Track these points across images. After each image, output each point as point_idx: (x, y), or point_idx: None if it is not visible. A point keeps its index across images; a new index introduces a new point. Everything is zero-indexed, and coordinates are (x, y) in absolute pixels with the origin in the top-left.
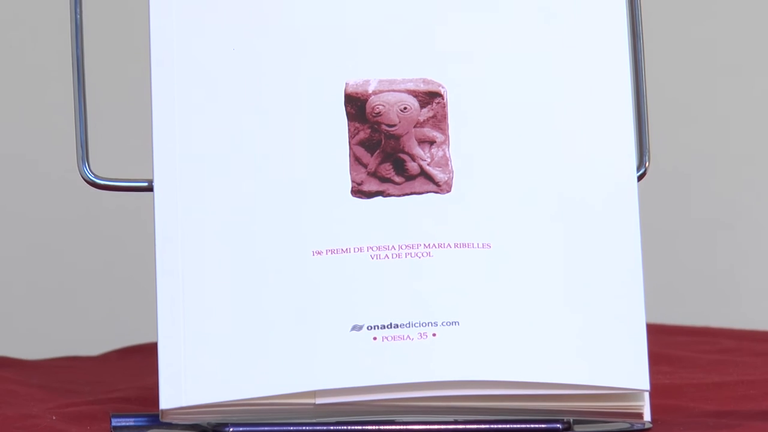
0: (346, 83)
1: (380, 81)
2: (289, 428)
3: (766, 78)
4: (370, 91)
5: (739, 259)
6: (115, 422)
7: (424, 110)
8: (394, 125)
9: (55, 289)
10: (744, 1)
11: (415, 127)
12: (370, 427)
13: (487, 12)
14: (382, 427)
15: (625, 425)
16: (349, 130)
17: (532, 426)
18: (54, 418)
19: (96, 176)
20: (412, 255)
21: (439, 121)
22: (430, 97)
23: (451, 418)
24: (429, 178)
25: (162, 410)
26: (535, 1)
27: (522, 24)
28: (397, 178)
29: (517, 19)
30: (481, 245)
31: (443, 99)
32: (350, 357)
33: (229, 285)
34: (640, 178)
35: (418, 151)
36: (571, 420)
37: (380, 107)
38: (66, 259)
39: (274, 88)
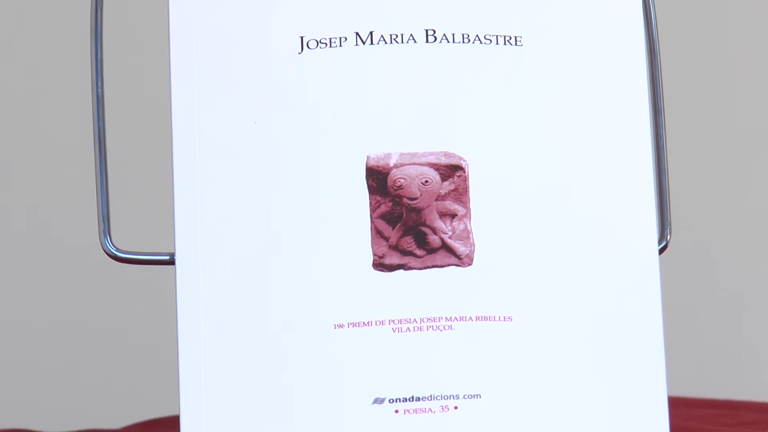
0: (368, 156)
1: (401, 154)
2: None
3: None
4: (392, 165)
5: (760, 332)
6: None
7: (446, 183)
8: (415, 198)
9: (78, 362)
10: (761, 74)
11: (436, 200)
12: None
13: (507, 86)
14: None
15: None
16: (370, 203)
17: None
18: None
19: (118, 249)
20: (434, 328)
21: (461, 194)
22: (451, 170)
23: None
24: (450, 251)
25: None
26: (555, 74)
27: (542, 97)
28: (418, 252)
29: (537, 93)
30: (502, 318)
31: (464, 172)
32: (372, 430)
33: (250, 358)
34: (661, 251)
35: (439, 224)
36: None
37: (402, 180)
38: (88, 332)
39: (296, 161)
